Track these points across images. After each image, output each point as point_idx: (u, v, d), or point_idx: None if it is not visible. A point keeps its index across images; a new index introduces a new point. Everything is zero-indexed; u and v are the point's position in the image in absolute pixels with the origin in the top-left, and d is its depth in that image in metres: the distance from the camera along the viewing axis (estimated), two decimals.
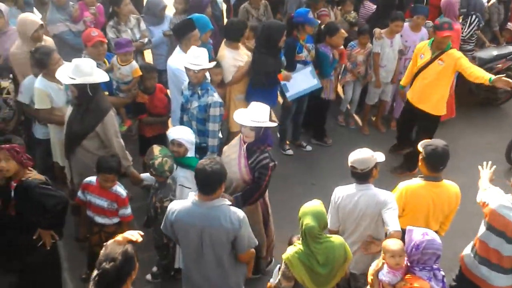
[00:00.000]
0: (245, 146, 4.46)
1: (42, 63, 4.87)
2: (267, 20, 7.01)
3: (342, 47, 6.80)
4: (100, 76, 4.55)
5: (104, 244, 2.99)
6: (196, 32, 5.50)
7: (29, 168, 4.02)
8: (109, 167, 4.41)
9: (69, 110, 4.70)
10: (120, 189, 4.53)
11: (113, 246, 2.89)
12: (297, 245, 3.67)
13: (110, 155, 4.53)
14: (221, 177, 3.63)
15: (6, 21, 5.73)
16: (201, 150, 5.00)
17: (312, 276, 3.63)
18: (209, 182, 3.58)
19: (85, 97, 4.48)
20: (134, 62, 5.60)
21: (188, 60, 4.83)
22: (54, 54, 4.91)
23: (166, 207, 4.28)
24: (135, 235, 3.05)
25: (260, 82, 5.94)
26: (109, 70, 5.47)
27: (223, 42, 6.07)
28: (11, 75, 5.34)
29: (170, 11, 7.15)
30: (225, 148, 4.77)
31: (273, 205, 4.96)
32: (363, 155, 4.02)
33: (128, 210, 4.60)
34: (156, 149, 4.48)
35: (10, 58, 5.44)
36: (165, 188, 4.50)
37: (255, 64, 5.93)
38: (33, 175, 3.99)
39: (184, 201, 3.73)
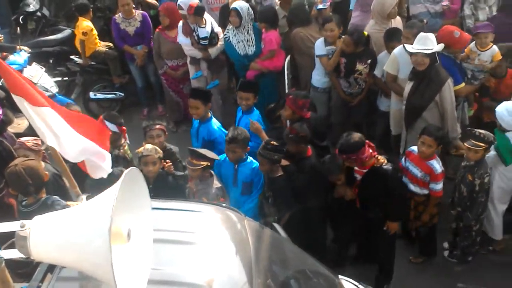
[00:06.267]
0: None
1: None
2: None
3: None
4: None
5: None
6: None
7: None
8: None
9: (407, 85, 4.96)
10: (436, 164, 4.52)
11: None
12: None
13: None
14: None
15: None
16: None
17: None
18: None
19: (432, 67, 4.69)
20: (494, 46, 5.29)
21: None
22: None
23: (487, 182, 4.39)
24: None
25: None
26: (465, 58, 5.40)
27: None
28: (369, 61, 5.62)
29: None
30: None
31: None
32: None
33: (438, 186, 4.57)
34: None
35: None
36: (482, 164, 4.44)
37: None
38: None
39: None
